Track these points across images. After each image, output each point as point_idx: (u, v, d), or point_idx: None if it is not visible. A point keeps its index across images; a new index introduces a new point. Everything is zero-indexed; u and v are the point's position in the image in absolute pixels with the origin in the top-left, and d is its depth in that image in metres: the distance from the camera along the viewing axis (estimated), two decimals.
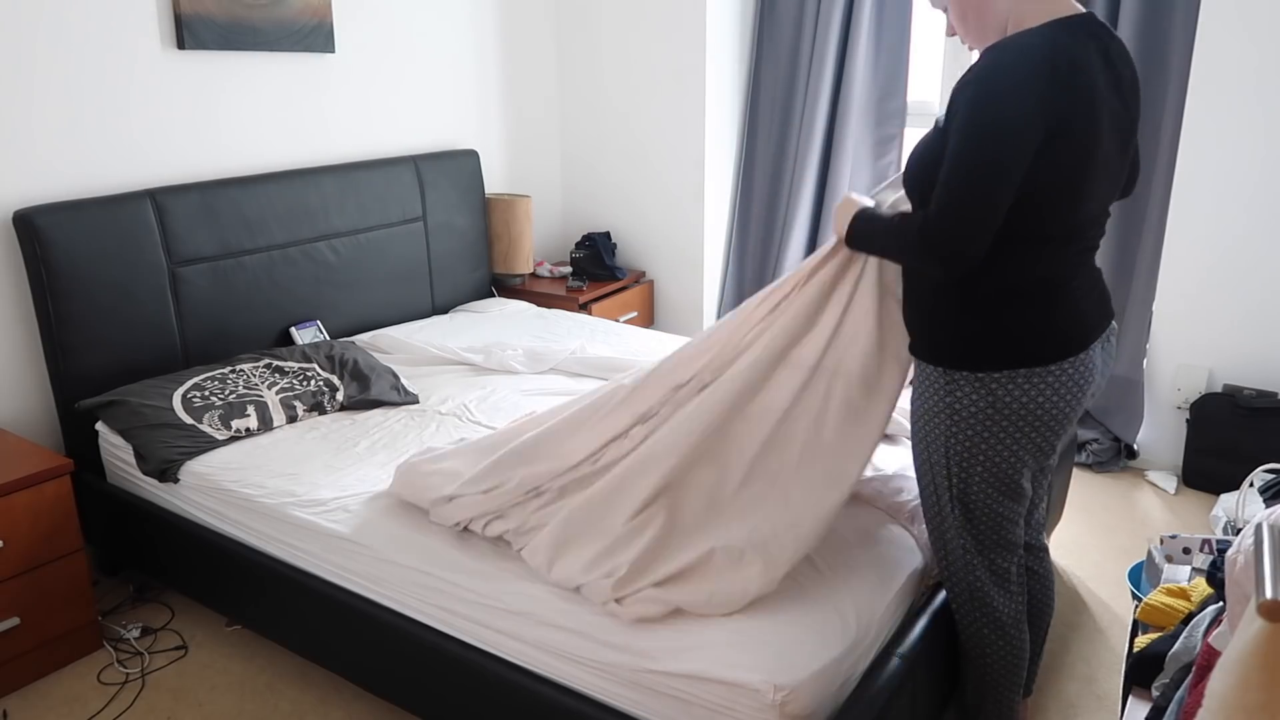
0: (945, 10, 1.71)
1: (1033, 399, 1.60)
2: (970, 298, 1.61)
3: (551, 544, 1.80)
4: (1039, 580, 2.00)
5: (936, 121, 1.63)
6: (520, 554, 1.85)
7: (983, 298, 1.61)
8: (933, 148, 1.59)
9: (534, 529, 1.87)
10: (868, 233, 1.72)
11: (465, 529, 1.96)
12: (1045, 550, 2.01)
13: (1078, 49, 1.51)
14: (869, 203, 1.78)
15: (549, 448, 1.95)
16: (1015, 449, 1.65)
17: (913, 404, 1.76)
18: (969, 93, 1.50)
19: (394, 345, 3.11)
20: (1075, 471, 3.33)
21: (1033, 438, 1.64)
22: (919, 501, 2.03)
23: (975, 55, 1.62)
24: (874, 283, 1.81)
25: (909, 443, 2.34)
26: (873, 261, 1.82)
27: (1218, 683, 0.90)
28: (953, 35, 1.73)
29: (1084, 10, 1.57)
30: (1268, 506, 2.02)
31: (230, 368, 2.69)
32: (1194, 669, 1.21)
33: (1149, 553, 2.15)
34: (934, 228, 1.52)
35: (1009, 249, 1.57)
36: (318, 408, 2.62)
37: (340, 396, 2.68)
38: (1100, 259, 1.89)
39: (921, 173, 1.61)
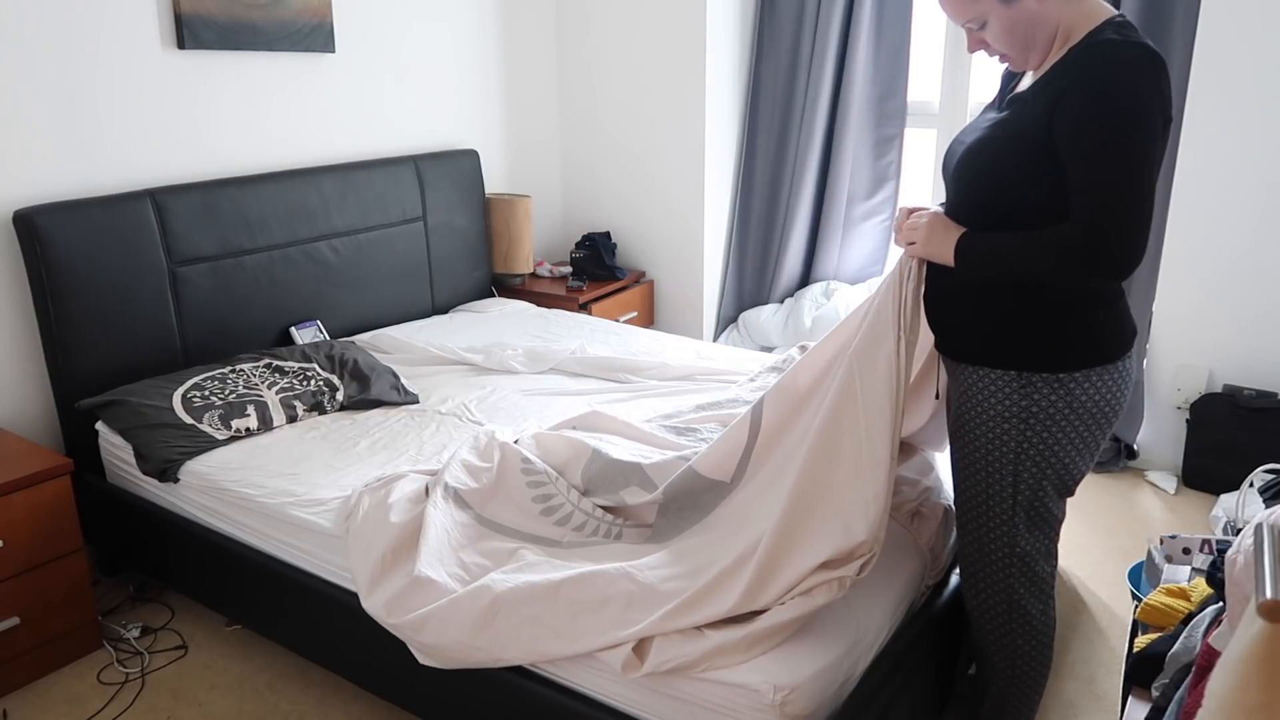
0: (978, 28, 1.58)
1: (1103, 396, 1.60)
2: (1061, 298, 1.57)
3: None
4: None
5: (997, 116, 1.57)
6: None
7: (1076, 298, 1.57)
8: (1000, 141, 1.55)
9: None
10: (987, 252, 1.56)
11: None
12: None
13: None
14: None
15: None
16: (1083, 449, 1.64)
17: (964, 412, 1.69)
18: (1100, 91, 1.44)
19: (394, 345, 3.11)
20: None
21: (1097, 436, 1.64)
22: (918, 503, 2.03)
23: (977, 56, 1.58)
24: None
25: (906, 443, 2.35)
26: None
27: (1218, 683, 0.90)
28: (976, 51, 1.64)
29: (1120, 12, 1.54)
30: (1268, 506, 2.02)
31: (230, 368, 2.69)
32: (1194, 669, 1.21)
33: (1149, 553, 2.15)
34: (1103, 233, 1.43)
35: None
36: (318, 407, 2.62)
37: (340, 396, 2.68)
38: None
39: (994, 166, 1.56)
